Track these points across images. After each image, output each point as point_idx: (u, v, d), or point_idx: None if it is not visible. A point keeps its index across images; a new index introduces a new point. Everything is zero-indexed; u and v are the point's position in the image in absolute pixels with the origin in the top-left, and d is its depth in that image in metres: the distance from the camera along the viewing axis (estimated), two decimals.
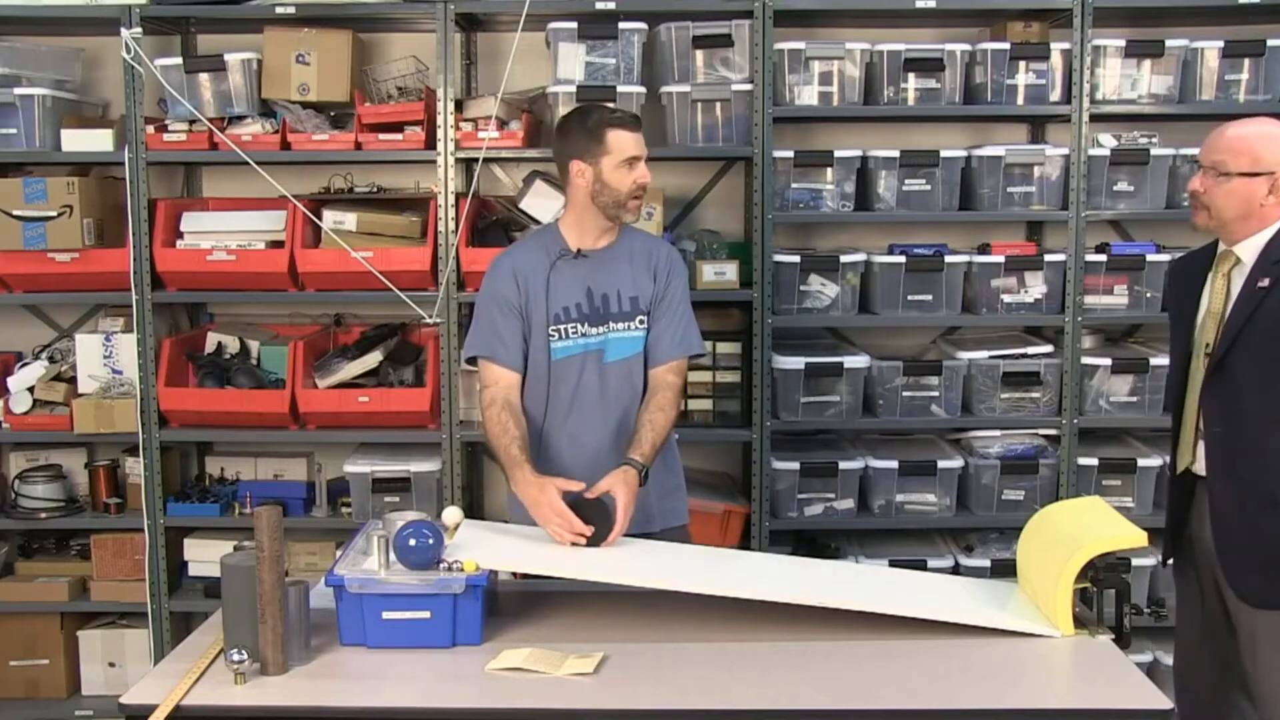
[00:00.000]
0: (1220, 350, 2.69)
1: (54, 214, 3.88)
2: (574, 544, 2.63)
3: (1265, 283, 2.65)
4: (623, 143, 2.85)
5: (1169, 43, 3.94)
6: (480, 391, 2.98)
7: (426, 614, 2.34)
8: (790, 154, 3.95)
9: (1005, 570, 3.67)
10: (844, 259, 3.99)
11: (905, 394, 4.01)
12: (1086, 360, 4.00)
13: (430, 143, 3.92)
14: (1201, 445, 2.77)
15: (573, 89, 3.86)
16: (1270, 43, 3.93)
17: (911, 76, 3.94)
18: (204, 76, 3.95)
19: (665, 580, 2.49)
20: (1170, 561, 2.99)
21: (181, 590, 4.16)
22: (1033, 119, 4.24)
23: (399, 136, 3.92)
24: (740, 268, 3.99)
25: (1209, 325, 2.75)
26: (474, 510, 4.15)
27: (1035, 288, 4.00)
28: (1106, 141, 4.01)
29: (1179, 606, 3.04)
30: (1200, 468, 2.79)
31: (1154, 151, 3.95)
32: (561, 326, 2.90)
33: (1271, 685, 2.73)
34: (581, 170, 2.86)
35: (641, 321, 2.94)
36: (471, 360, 3.02)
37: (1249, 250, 2.71)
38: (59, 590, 4.11)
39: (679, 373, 2.99)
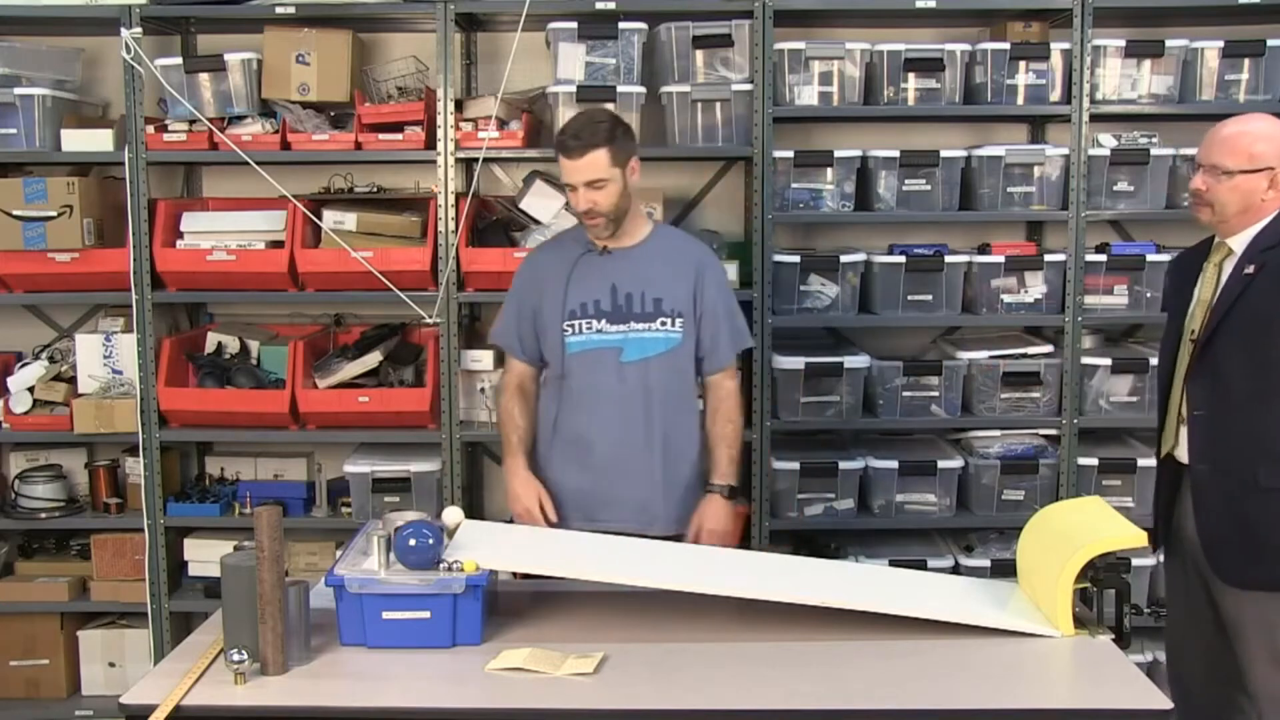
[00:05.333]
0: (1205, 334, 2.76)
1: (54, 214, 3.88)
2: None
3: (1251, 269, 2.74)
4: (563, 168, 2.90)
5: (1169, 43, 3.94)
6: (502, 374, 3.24)
7: (426, 614, 2.34)
8: (790, 154, 3.95)
9: (1005, 570, 3.66)
10: (844, 259, 3.99)
11: (905, 394, 4.00)
12: (1086, 360, 4.00)
13: (430, 143, 3.91)
14: (1184, 430, 2.82)
15: (573, 89, 3.85)
16: (1270, 43, 3.92)
17: (911, 76, 3.94)
18: (204, 76, 3.95)
19: (665, 580, 2.49)
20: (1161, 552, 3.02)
21: (181, 590, 4.16)
22: (1033, 119, 4.24)
23: (399, 136, 3.92)
24: (740, 268, 3.98)
25: (1197, 313, 2.83)
26: (474, 510, 4.14)
27: (1035, 288, 4.00)
28: (1106, 141, 4.01)
29: (1168, 596, 3.08)
30: (1182, 453, 2.84)
31: (1154, 151, 3.95)
32: (576, 321, 2.96)
33: (1263, 673, 2.75)
34: None
35: (663, 323, 2.96)
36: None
37: (1240, 242, 2.80)
38: (59, 590, 4.11)
39: (734, 375, 3.09)
